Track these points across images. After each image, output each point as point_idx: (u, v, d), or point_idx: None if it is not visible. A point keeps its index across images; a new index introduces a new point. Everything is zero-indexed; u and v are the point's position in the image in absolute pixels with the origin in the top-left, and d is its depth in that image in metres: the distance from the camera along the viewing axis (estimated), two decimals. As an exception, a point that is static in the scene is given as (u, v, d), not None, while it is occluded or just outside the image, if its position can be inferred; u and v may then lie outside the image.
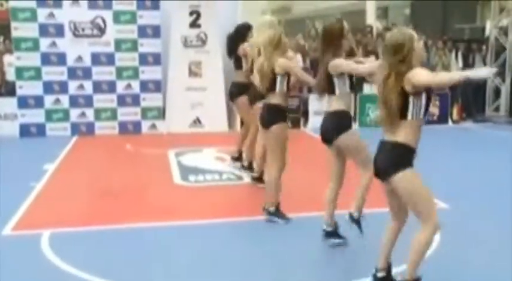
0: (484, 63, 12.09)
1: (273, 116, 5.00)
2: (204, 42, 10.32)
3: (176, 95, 10.22)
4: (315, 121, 10.03)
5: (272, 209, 5.11)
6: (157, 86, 10.16)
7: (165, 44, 10.16)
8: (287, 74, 4.97)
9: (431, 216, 3.33)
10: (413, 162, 3.35)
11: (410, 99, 3.27)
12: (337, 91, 4.30)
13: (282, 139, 5.00)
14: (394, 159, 3.34)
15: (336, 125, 4.29)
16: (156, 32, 10.03)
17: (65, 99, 9.77)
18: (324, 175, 4.86)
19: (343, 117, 4.32)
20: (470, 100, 12.11)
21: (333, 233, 4.51)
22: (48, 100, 9.71)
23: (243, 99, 6.47)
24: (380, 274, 3.63)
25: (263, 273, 4.08)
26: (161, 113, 10.23)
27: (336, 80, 4.28)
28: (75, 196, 6.00)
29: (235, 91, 6.74)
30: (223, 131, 10.01)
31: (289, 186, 5.32)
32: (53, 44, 9.62)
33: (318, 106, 10.39)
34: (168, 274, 4.05)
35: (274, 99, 5.01)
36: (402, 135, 3.31)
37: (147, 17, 9.98)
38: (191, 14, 10.24)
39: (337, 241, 4.48)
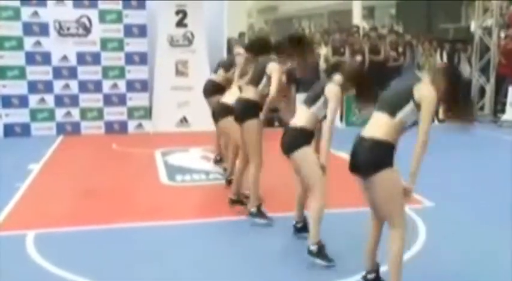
0: (470, 63, 12.21)
1: (247, 112, 4.95)
2: (190, 41, 10.29)
3: (163, 94, 10.18)
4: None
5: (254, 210, 5.08)
6: (144, 86, 10.11)
7: (151, 44, 10.11)
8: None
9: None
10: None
11: (410, 105, 3.28)
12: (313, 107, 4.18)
13: (256, 134, 4.93)
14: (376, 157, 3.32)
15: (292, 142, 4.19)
16: (142, 31, 9.98)
17: (50, 99, 9.68)
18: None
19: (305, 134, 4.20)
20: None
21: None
22: (33, 100, 9.61)
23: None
24: (370, 276, 3.62)
25: (251, 273, 4.08)
26: (148, 113, 10.19)
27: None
28: (60, 196, 5.95)
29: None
30: (210, 130, 9.97)
31: (274, 184, 5.31)
32: (38, 43, 9.51)
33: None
34: (154, 274, 4.03)
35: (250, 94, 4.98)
36: (382, 131, 3.30)
37: (133, 16, 9.91)
38: (177, 13, 10.20)
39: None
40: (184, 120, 10.33)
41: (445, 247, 4.15)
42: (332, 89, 4.09)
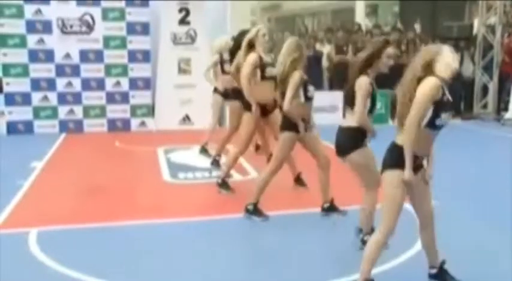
0: (473, 61, 12.15)
1: (283, 124, 5.01)
2: (193, 39, 10.29)
3: (165, 92, 10.18)
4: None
5: (250, 207, 5.11)
6: (147, 84, 10.12)
7: (154, 41, 10.11)
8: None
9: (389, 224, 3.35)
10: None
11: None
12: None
13: (286, 147, 5.01)
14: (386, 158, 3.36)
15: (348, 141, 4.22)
16: (145, 29, 9.98)
17: (53, 97, 9.69)
18: (310, 172, 4.83)
19: (355, 134, 4.20)
20: (458, 98, 12.17)
21: None
22: (36, 97, 9.62)
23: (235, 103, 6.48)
24: (432, 271, 3.70)
25: (251, 270, 4.07)
26: (150, 111, 10.19)
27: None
28: (63, 194, 5.94)
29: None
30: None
31: (277, 183, 5.30)
32: (41, 40, 9.53)
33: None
34: (157, 272, 4.02)
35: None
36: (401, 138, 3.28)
37: (136, 14, 9.92)
38: (180, 11, 10.21)
39: None
40: (187, 118, 10.33)
41: (446, 246, 4.11)
42: (359, 81, 4.10)
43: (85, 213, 5.31)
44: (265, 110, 5.64)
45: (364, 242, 4.10)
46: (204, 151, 7.65)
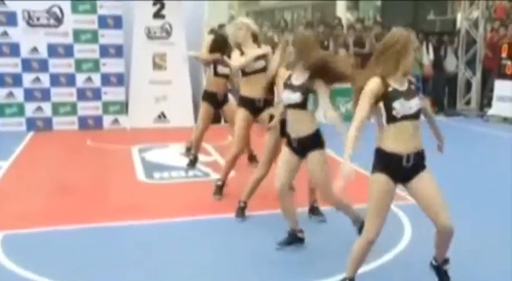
0: (456, 56, 12.00)
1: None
2: (168, 33, 9.92)
3: (139, 88, 9.81)
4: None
5: (241, 204, 5.01)
6: (120, 80, 9.73)
7: (127, 35, 9.73)
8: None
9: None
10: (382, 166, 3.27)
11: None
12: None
13: (266, 146, 4.86)
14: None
15: None
16: (117, 22, 9.59)
17: (19, 93, 9.25)
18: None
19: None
20: (442, 94, 12.03)
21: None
22: (0, 94, 9.18)
23: None
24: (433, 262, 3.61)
25: (230, 271, 3.91)
26: (124, 108, 9.82)
27: None
28: (31, 195, 5.66)
29: None
30: (189, 125, 9.66)
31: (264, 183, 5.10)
32: (5, 33, 9.07)
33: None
34: (131, 275, 3.83)
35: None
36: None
37: (107, 7, 9.51)
38: (155, 4, 9.86)
39: None
40: (162, 116, 9.98)
41: (430, 245, 3.93)
42: None
43: (55, 215, 5.08)
44: (216, 100, 6.43)
45: None
46: (188, 150, 7.25)
